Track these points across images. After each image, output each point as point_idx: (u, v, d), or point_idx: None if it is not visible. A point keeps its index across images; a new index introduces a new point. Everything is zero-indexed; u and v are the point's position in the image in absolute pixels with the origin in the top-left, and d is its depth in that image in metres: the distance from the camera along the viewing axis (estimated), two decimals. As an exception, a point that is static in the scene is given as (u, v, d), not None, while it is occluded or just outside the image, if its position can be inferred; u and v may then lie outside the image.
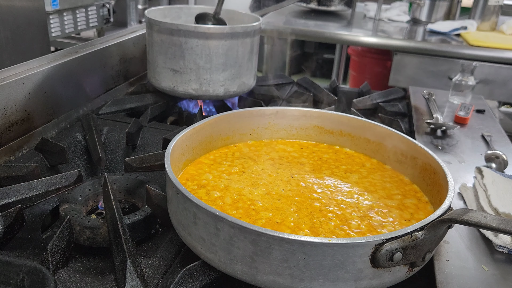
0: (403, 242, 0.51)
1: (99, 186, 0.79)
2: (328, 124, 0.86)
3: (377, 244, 0.50)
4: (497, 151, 0.94)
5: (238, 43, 1.08)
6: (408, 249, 0.52)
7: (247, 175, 0.74)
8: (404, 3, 2.48)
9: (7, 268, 0.51)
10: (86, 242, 0.67)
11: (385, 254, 0.50)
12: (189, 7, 1.31)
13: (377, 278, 0.53)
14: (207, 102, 1.22)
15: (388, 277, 0.53)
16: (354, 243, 0.49)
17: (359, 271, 0.51)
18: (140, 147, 0.98)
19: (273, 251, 0.50)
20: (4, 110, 0.87)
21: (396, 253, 0.50)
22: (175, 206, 0.59)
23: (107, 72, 1.22)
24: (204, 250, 0.56)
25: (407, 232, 0.51)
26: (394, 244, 0.50)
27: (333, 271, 0.50)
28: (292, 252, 0.50)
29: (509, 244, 0.64)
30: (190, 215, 0.56)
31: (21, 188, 0.72)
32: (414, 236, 0.52)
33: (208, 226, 0.53)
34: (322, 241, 0.49)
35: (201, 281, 0.57)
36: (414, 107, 1.22)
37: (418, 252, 0.53)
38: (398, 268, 0.53)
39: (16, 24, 1.26)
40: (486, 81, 1.75)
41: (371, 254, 0.50)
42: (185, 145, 0.73)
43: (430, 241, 0.54)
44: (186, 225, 0.57)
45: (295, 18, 2.29)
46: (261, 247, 0.50)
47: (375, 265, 0.51)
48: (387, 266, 0.51)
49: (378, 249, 0.50)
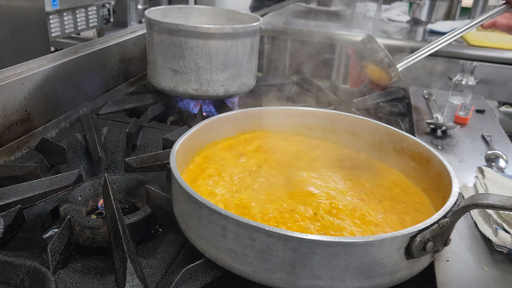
0: (433, 231, 0.53)
1: (99, 186, 0.79)
2: (311, 121, 0.88)
3: (411, 236, 0.52)
4: (497, 151, 0.94)
5: (238, 43, 1.08)
6: (437, 237, 0.54)
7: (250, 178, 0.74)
8: (404, 3, 2.48)
9: (7, 268, 0.51)
10: (86, 242, 0.67)
11: (418, 245, 0.52)
12: (189, 7, 1.31)
13: (409, 268, 0.55)
14: (207, 102, 1.22)
15: (418, 266, 0.56)
16: (392, 237, 0.51)
17: (394, 265, 0.53)
18: (140, 147, 0.98)
19: (315, 256, 0.50)
20: (4, 110, 0.87)
21: (428, 242, 0.53)
22: (196, 220, 0.56)
23: (107, 72, 1.22)
24: (235, 263, 0.54)
25: (435, 221, 0.54)
26: (426, 235, 0.53)
27: (372, 267, 0.52)
28: (335, 254, 0.50)
29: (509, 244, 0.64)
30: (217, 228, 0.53)
31: (21, 188, 0.72)
32: (441, 224, 0.54)
33: (241, 238, 0.52)
34: (363, 240, 0.50)
35: (201, 281, 0.57)
36: (414, 107, 1.22)
37: (443, 238, 0.56)
38: (426, 257, 0.56)
39: (16, 24, 1.26)
40: (486, 81, 1.75)
41: (406, 247, 0.52)
42: (184, 152, 0.72)
43: (452, 226, 0.57)
44: (212, 239, 0.55)
45: (295, 18, 2.29)
46: (302, 253, 0.50)
47: (409, 256, 0.53)
48: (419, 256, 0.54)
49: (412, 241, 0.52)
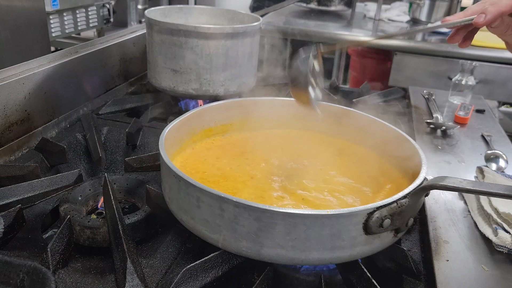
0: (390, 209, 0.56)
1: (99, 186, 0.79)
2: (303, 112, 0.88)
3: (369, 212, 0.55)
4: (497, 151, 0.94)
5: (238, 43, 1.08)
6: (395, 215, 0.57)
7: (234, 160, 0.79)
8: (404, 3, 2.48)
9: (7, 268, 0.51)
10: (86, 242, 0.67)
11: (376, 221, 0.55)
12: (189, 7, 1.31)
13: (369, 244, 0.58)
14: (207, 102, 1.22)
15: (378, 243, 0.59)
16: (350, 213, 0.54)
17: (353, 239, 0.56)
18: (140, 147, 0.98)
19: (277, 226, 0.54)
20: (4, 110, 0.87)
21: (385, 219, 0.56)
22: (176, 193, 0.62)
23: (107, 72, 1.22)
24: (208, 232, 0.59)
25: (394, 201, 0.57)
26: (383, 212, 0.56)
27: (331, 240, 0.55)
28: (294, 225, 0.54)
29: (509, 244, 0.64)
30: (193, 199, 0.58)
31: (21, 188, 0.72)
32: (399, 204, 0.57)
33: (213, 208, 0.56)
34: (321, 213, 0.54)
35: (201, 281, 0.57)
36: (414, 107, 1.22)
37: (403, 218, 0.59)
38: (386, 234, 0.59)
39: (16, 24, 1.26)
40: (486, 81, 1.75)
41: (364, 222, 0.55)
42: (173, 137, 0.76)
43: (412, 208, 0.60)
44: (189, 210, 0.60)
45: (295, 18, 2.29)
46: (264, 223, 0.54)
47: (367, 232, 0.56)
48: (377, 232, 0.57)
49: (369, 217, 0.55)
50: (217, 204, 0.56)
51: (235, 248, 0.58)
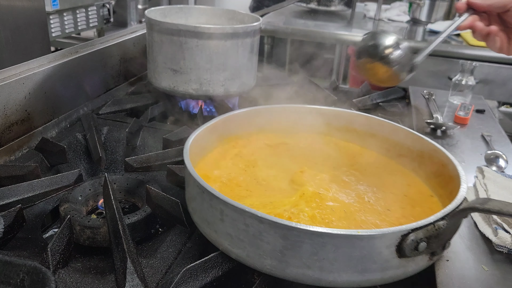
0: (427, 231, 0.52)
1: (99, 186, 0.79)
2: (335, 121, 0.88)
3: (403, 234, 0.51)
4: (497, 151, 0.94)
5: (238, 43, 1.08)
6: (432, 238, 0.53)
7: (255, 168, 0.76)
8: (404, 3, 2.48)
9: (7, 268, 0.51)
10: (86, 242, 0.67)
11: (410, 244, 0.52)
12: (189, 7, 1.31)
13: (402, 267, 0.54)
14: (207, 102, 1.22)
15: (412, 266, 0.55)
16: (382, 234, 0.51)
17: (385, 262, 0.53)
18: (140, 147, 0.98)
19: (304, 245, 0.51)
20: (4, 110, 0.87)
21: (421, 242, 0.52)
22: (199, 204, 0.60)
23: (107, 72, 1.22)
24: (231, 246, 0.57)
25: (431, 222, 0.53)
26: (419, 234, 0.52)
27: (361, 262, 0.52)
28: (323, 244, 0.51)
29: (509, 244, 0.64)
30: (216, 212, 0.56)
31: (21, 188, 0.72)
32: (437, 226, 0.53)
33: (236, 223, 0.54)
34: (351, 233, 0.51)
35: (201, 281, 0.57)
36: (414, 107, 1.22)
37: (440, 241, 0.55)
38: (421, 258, 0.55)
39: (16, 24, 1.26)
40: (486, 81, 1.75)
41: (397, 245, 0.52)
42: (198, 145, 0.74)
43: (450, 230, 0.56)
44: (212, 222, 0.58)
45: (295, 18, 2.29)
46: (291, 241, 0.51)
47: (401, 255, 0.52)
48: (412, 255, 0.53)
49: (404, 239, 0.51)
50: (242, 218, 0.53)
51: (259, 266, 0.55)
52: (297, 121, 0.89)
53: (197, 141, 0.72)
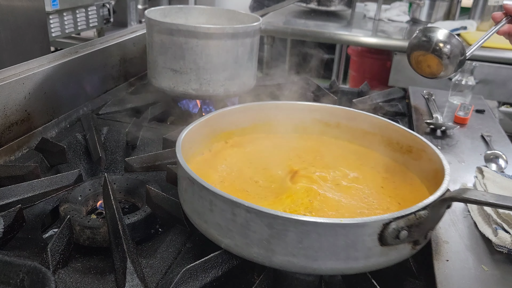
0: (408, 221, 0.54)
1: (99, 186, 0.79)
2: (326, 117, 0.89)
3: (384, 223, 0.53)
4: (496, 151, 0.94)
5: (238, 43, 1.08)
6: (413, 227, 0.55)
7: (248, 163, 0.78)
8: (404, 3, 2.48)
9: (7, 268, 0.51)
10: (86, 242, 0.67)
11: (392, 232, 0.53)
12: (189, 7, 1.31)
13: (384, 255, 0.56)
14: (207, 102, 1.22)
15: (394, 254, 0.57)
16: (364, 223, 0.53)
17: (368, 249, 0.54)
18: (140, 147, 0.98)
19: (289, 233, 0.53)
20: (4, 110, 0.87)
21: (402, 231, 0.54)
22: (190, 196, 0.61)
23: (107, 72, 1.22)
24: (220, 236, 0.58)
25: (412, 212, 0.54)
26: (400, 223, 0.53)
27: (345, 250, 0.54)
28: (307, 233, 0.52)
29: (509, 244, 0.64)
30: (206, 203, 0.58)
31: (21, 188, 0.72)
32: (418, 215, 0.55)
33: (225, 213, 0.56)
34: (334, 221, 0.52)
35: (201, 281, 0.57)
36: (414, 107, 1.22)
37: (422, 230, 0.56)
38: (403, 246, 0.56)
39: (16, 24, 1.26)
40: (486, 81, 1.75)
41: (379, 233, 0.53)
42: (191, 139, 0.75)
43: (432, 219, 0.58)
44: (202, 213, 0.60)
45: (295, 18, 2.29)
46: (276, 230, 0.53)
47: (383, 243, 0.54)
48: (394, 244, 0.54)
49: (385, 228, 0.53)
50: (229, 208, 0.55)
51: (247, 254, 0.57)
52: (290, 118, 0.90)
53: (190, 136, 0.74)
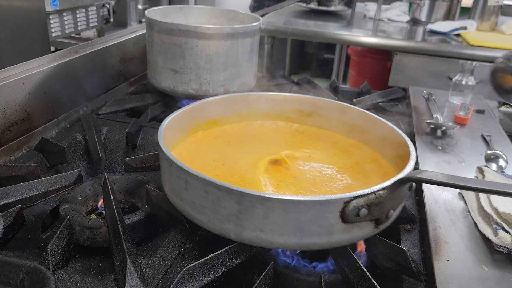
0: (368, 199, 0.57)
1: (99, 186, 0.79)
2: (306, 108, 0.93)
3: (345, 201, 0.56)
4: (497, 151, 0.94)
5: (238, 43, 1.08)
6: (373, 206, 0.58)
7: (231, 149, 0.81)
8: (404, 3, 2.48)
9: (7, 268, 0.51)
10: (86, 242, 0.67)
11: (352, 210, 0.57)
12: (189, 7, 1.31)
13: (347, 232, 0.59)
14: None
15: (357, 232, 0.60)
16: (326, 200, 0.56)
17: (330, 226, 0.58)
18: (140, 147, 0.98)
19: (256, 209, 0.56)
20: (4, 110, 0.87)
21: (362, 209, 0.57)
22: (168, 176, 0.66)
23: (107, 72, 1.22)
24: (195, 213, 0.62)
25: (372, 191, 0.58)
26: (360, 201, 0.57)
27: (308, 226, 0.57)
28: (272, 209, 0.56)
29: (509, 244, 0.64)
30: (182, 182, 0.62)
31: (21, 188, 0.72)
32: (377, 195, 0.58)
33: (198, 190, 0.59)
34: (297, 198, 0.55)
35: (201, 281, 0.57)
36: (414, 107, 1.22)
37: (382, 209, 0.60)
38: (365, 224, 0.60)
39: (16, 24, 1.26)
40: (486, 81, 1.75)
41: (341, 210, 0.57)
42: (175, 126, 0.78)
43: (392, 199, 0.61)
44: (179, 192, 0.64)
45: (295, 18, 2.29)
46: (245, 206, 0.57)
47: (345, 220, 0.57)
48: (355, 221, 0.58)
49: (346, 206, 0.56)
50: (202, 186, 0.58)
51: (219, 230, 0.60)
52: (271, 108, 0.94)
53: (173, 123, 0.77)
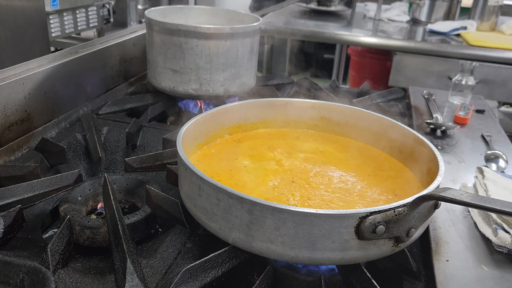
0: (385, 216, 0.54)
1: (99, 186, 0.79)
2: (335, 116, 0.90)
3: (361, 216, 0.53)
4: (497, 151, 0.94)
5: (238, 43, 1.08)
6: (391, 223, 0.55)
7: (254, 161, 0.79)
8: (404, 3, 2.48)
9: (7, 268, 0.51)
10: (86, 242, 0.67)
11: (368, 226, 0.53)
12: (189, 7, 1.31)
13: (362, 249, 0.56)
14: (207, 102, 1.22)
15: (374, 249, 0.57)
16: (340, 214, 0.53)
17: (345, 242, 0.55)
18: (140, 147, 0.98)
19: (267, 220, 0.55)
20: (4, 110, 0.87)
21: (379, 226, 0.54)
22: (183, 180, 0.65)
23: (107, 72, 1.22)
24: (207, 220, 0.61)
25: (391, 208, 0.55)
26: (377, 218, 0.54)
27: (321, 240, 0.54)
28: (284, 221, 0.54)
29: (508, 244, 0.64)
30: (195, 187, 0.61)
31: (21, 188, 0.72)
32: (396, 212, 0.55)
33: (211, 197, 0.59)
34: (310, 211, 0.53)
35: (201, 281, 0.57)
36: (414, 107, 1.22)
37: (401, 227, 0.56)
38: (383, 242, 0.57)
39: (16, 24, 1.26)
40: (486, 81, 1.75)
41: (356, 226, 0.54)
42: (197, 130, 0.78)
43: (414, 217, 0.57)
44: (192, 197, 0.63)
45: (295, 18, 2.29)
46: (255, 216, 0.55)
47: (360, 237, 0.54)
48: (371, 238, 0.55)
49: (362, 221, 0.53)
50: (214, 193, 0.58)
51: (230, 238, 0.59)
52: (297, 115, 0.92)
53: (192, 129, 0.76)
